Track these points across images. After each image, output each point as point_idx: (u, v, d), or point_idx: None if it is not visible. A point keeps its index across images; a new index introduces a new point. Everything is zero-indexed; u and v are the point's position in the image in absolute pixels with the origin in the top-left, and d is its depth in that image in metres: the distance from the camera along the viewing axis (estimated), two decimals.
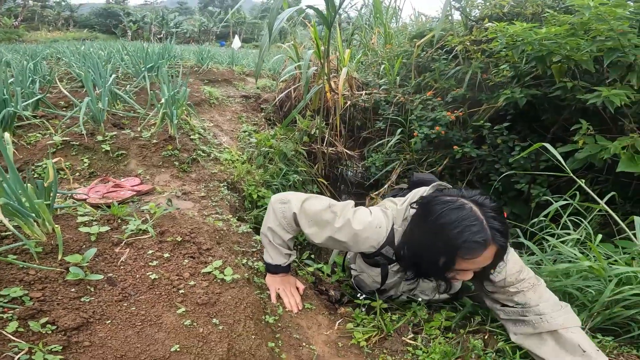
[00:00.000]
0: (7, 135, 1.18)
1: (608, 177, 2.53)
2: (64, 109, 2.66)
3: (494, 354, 1.31)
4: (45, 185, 1.15)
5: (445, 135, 3.31)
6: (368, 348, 1.26)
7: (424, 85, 3.71)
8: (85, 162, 1.97)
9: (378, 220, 1.31)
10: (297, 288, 1.48)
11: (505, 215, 1.28)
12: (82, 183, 1.84)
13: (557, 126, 2.75)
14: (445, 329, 1.37)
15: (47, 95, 2.69)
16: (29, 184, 1.12)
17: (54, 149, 1.99)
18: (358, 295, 1.49)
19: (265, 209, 2.28)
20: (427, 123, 3.41)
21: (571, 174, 1.95)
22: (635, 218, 1.83)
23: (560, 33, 2.31)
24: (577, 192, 2.05)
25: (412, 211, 1.25)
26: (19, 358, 0.84)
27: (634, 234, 1.80)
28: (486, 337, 1.36)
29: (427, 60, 3.78)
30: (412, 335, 1.32)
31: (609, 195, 1.98)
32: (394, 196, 1.55)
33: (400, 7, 7.72)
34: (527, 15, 2.96)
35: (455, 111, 3.36)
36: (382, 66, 3.94)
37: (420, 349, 1.26)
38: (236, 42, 6.42)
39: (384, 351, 1.26)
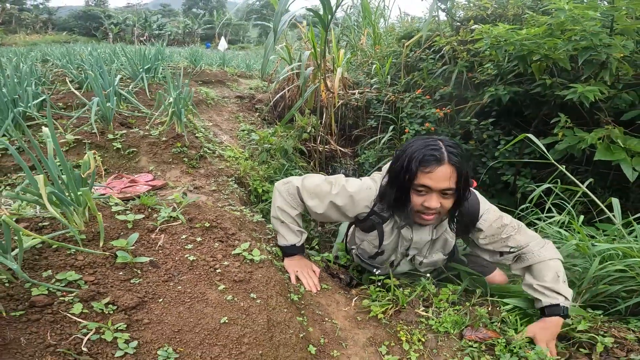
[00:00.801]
0: (45, 129, 1.26)
1: (587, 168, 2.75)
2: (63, 110, 2.71)
3: (500, 322, 1.48)
4: (83, 175, 1.23)
5: (434, 131, 3.50)
6: (385, 320, 1.40)
7: (412, 84, 3.89)
8: (98, 160, 2.04)
9: (367, 183, 1.53)
10: (314, 271, 1.60)
11: (475, 185, 1.56)
12: (97, 180, 1.91)
13: (538, 120, 2.95)
14: (452, 303, 1.51)
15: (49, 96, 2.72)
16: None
17: (67, 147, 2.05)
18: (374, 270, 1.62)
19: (270, 202, 2.41)
20: (417, 120, 3.59)
21: (552, 160, 2.15)
22: (613, 199, 2.04)
23: (539, 34, 2.51)
24: (559, 180, 2.26)
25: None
26: (89, 338, 0.91)
27: (614, 216, 2.00)
28: (489, 308, 1.51)
29: (416, 60, 3.96)
30: (423, 308, 1.47)
31: (589, 181, 2.19)
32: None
33: (388, 7, 7.91)
34: (508, 16, 3.16)
35: (444, 108, 3.55)
36: (373, 66, 4.10)
37: (433, 320, 1.41)
38: (222, 44, 6.47)
39: (400, 322, 1.40)
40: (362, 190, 1.51)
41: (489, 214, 1.51)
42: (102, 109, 2.23)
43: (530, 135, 2.22)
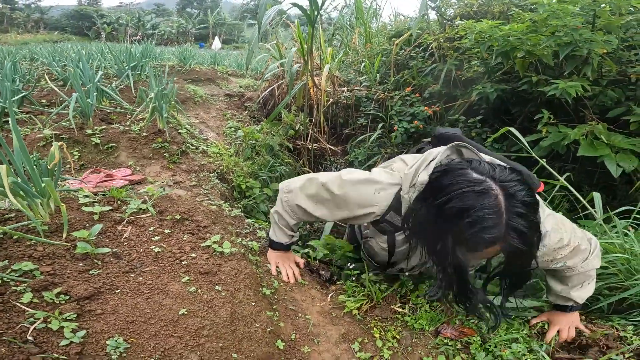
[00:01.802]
0: (11, 122, 1.24)
1: (574, 166, 2.75)
2: (46, 107, 2.69)
3: (477, 319, 1.45)
4: (49, 167, 1.21)
5: (423, 129, 3.50)
6: (360, 315, 1.38)
7: (402, 82, 3.88)
8: (76, 155, 2.02)
9: (376, 185, 1.20)
10: (297, 263, 1.58)
11: (541, 189, 1.21)
12: (73, 175, 1.89)
13: (524, 117, 2.95)
14: (429, 299, 1.49)
15: (30, 93, 2.71)
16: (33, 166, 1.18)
17: (44, 142, 2.03)
18: (348, 264, 1.59)
19: (254, 199, 2.39)
20: (406, 118, 3.58)
21: (533, 154, 2.14)
22: (595, 194, 2.02)
23: (522, 30, 2.51)
24: (547, 178, 2.24)
25: (421, 178, 1.06)
26: (35, 327, 0.90)
27: (595, 211, 1.99)
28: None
29: (405, 58, 3.96)
30: (399, 304, 1.45)
31: (567, 174, 2.18)
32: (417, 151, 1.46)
33: (380, 7, 7.95)
34: (494, 13, 3.16)
35: (433, 106, 3.54)
36: (363, 64, 4.09)
37: (409, 316, 1.39)
38: (216, 43, 6.46)
39: (375, 318, 1.38)
40: (367, 200, 1.21)
41: (549, 238, 1.15)
42: (81, 105, 2.21)
43: (513, 129, 2.21)
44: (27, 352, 0.85)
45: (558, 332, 1.38)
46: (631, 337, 1.34)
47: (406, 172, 1.15)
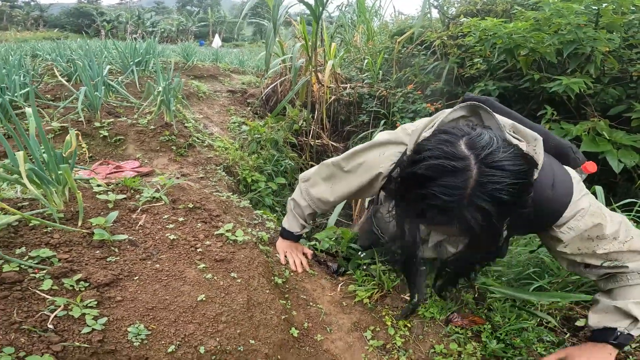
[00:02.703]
0: (28, 109, 1.25)
1: None
2: (52, 101, 2.69)
3: (486, 310, 1.48)
4: (64, 154, 1.22)
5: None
6: (371, 304, 1.39)
7: (404, 79, 3.91)
8: (84, 147, 2.02)
9: (381, 147, 1.15)
10: (305, 254, 1.61)
11: (595, 169, 1.10)
12: (81, 164, 1.90)
13: (525, 114, 2.98)
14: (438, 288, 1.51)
15: (36, 87, 2.71)
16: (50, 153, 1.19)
17: (52, 135, 2.03)
18: (359, 253, 1.61)
19: (259, 193, 2.40)
20: (408, 115, 3.60)
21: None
22: (597, 187, 2.05)
23: (526, 28, 2.54)
24: None
25: (422, 136, 0.94)
26: (56, 315, 0.89)
27: None
28: (476, 295, 1.51)
29: (408, 56, 3.98)
30: (409, 293, 1.46)
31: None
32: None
33: (382, 6, 8.00)
34: (498, 11, 3.19)
35: (435, 103, 3.57)
36: (365, 61, 4.11)
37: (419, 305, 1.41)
38: (216, 41, 6.47)
39: (386, 307, 1.39)
40: (372, 159, 1.17)
41: (581, 220, 1.00)
42: (89, 98, 2.22)
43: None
44: (47, 341, 0.84)
45: None
46: None
47: (413, 129, 1.08)
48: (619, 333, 1.05)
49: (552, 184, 0.98)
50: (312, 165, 3.50)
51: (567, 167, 1.08)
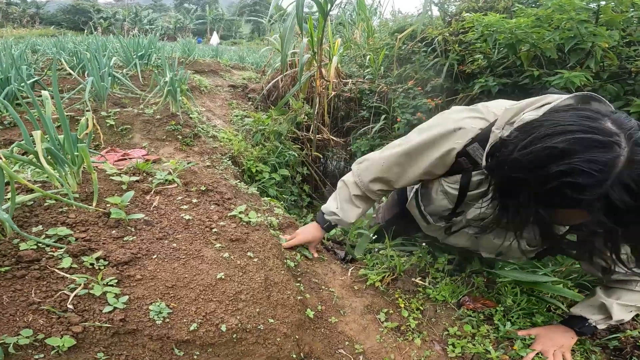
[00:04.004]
0: (45, 92, 1.24)
1: None
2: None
3: (496, 294, 1.50)
4: (79, 136, 1.22)
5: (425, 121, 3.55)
6: (383, 287, 1.41)
7: (405, 76, 3.93)
8: (99, 132, 2.01)
9: (458, 121, 1.07)
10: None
11: None
12: (94, 151, 1.89)
13: None
14: (448, 272, 1.52)
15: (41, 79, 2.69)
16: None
17: (58, 124, 2.02)
18: (370, 235, 1.61)
19: (263, 183, 2.41)
20: (409, 110, 3.63)
21: None
22: None
23: (527, 24, 2.58)
24: None
25: (527, 117, 0.88)
26: (76, 294, 0.88)
27: None
28: (485, 280, 1.53)
29: (408, 52, 4.01)
30: (420, 277, 1.48)
31: None
32: None
33: (382, 4, 8.06)
34: (499, 9, 3.24)
35: (435, 99, 3.60)
36: (367, 57, 4.14)
37: (430, 289, 1.42)
38: (214, 39, 6.46)
39: (398, 290, 1.41)
40: (443, 126, 1.10)
41: None
42: (96, 88, 2.21)
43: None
44: (67, 322, 0.83)
45: (542, 354, 1.19)
46: None
47: (507, 107, 1.00)
48: (586, 324, 1.16)
49: None
50: (313, 157, 3.54)
51: None
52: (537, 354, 1.20)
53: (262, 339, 1.03)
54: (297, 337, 1.13)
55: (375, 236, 1.69)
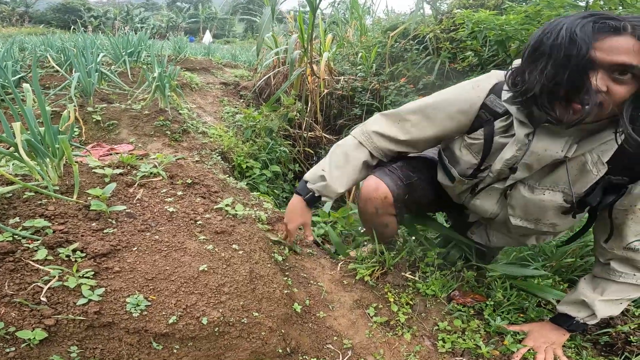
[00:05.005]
0: (26, 85, 1.21)
1: None
2: (42, 89, 2.63)
3: (486, 288, 1.48)
4: (61, 129, 1.19)
5: None
6: (372, 282, 1.38)
7: (397, 73, 3.93)
8: (76, 131, 1.97)
9: (473, 82, 1.10)
10: (306, 235, 1.41)
11: None
12: (75, 150, 1.85)
13: None
14: (438, 266, 1.51)
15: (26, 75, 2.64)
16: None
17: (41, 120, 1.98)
18: (359, 228, 1.57)
19: (254, 179, 2.38)
20: None
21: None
22: None
23: (517, 20, 2.59)
24: None
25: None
26: (50, 286, 0.85)
27: None
28: (475, 274, 1.52)
29: (400, 50, 4.01)
30: (409, 272, 1.46)
31: None
32: None
33: (374, 2, 8.10)
34: (489, 6, 3.25)
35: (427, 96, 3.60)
36: (360, 55, 4.13)
37: (420, 283, 1.40)
38: (207, 37, 6.42)
39: (387, 284, 1.39)
40: (458, 91, 1.11)
41: None
42: (82, 83, 2.18)
43: None
44: (39, 315, 0.81)
45: (533, 350, 1.18)
46: None
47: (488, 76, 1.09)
48: (574, 322, 1.15)
49: None
50: (305, 154, 3.53)
51: None
52: (528, 349, 1.19)
53: (246, 333, 1.01)
54: (283, 331, 1.10)
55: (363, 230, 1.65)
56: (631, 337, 1.27)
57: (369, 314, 1.30)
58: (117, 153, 1.74)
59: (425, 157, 1.40)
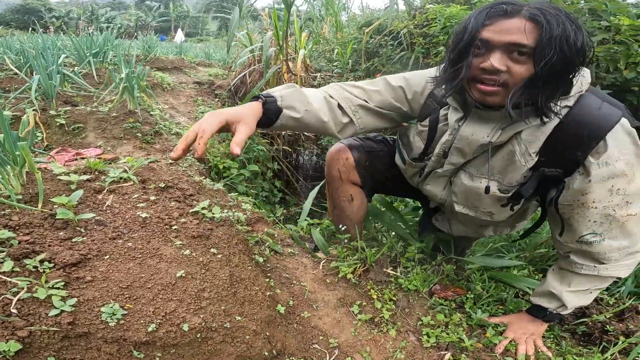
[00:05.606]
0: None
1: None
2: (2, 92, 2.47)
3: (465, 281, 1.50)
4: (21, 135, 1.11)
5: None
6: (355, 279, 1.37)
7: (373, 69, 3.94)
8: (39, 136, 1.87)
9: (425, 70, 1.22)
10: (235, 139, 1.01)
11: None
12: (38, 156, 1.75)
13: None
14: (419, 261, 1.52)
15: None
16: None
17: None
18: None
19: (231, 180, 2.32)
20: None
21: None
22: None
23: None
24: None
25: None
26: (19, 298, 0.82)
27: None
28: (454, 268, 1.53)
29: (375, 46, 4.03)
30: (391, 267, 1.46)
31: None
32: None
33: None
34: (460, 1, 3.30)
35: None
36: (335, 51, 4.12)
37: (402, 278, 1.40)
38: (179, 36, 6.24)
39: (370, 281, 1.38)
40: (417, 72, 1.22)
41: (620, 149, 0.93)
42: (44, 86, 2.06)
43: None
44: (12, 327, 0.77)
45: (514, 341, 1.21)
46: None
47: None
48: (548, 312, 1.18)
49: (599, 106, 0.95)
50: (284, 152, 3.48)
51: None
52: (510, 341, 1.21)
53: (230, 338, 0.98)
54: (267, 333, 1.08)
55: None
56: (607, 326, 1.31)
57: (353, 311, 1.29)
58: (83, 158, 1.65)
59: (386, 139, 1.50)
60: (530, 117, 0.96)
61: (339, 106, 1.20)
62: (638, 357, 1.15)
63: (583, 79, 0.96)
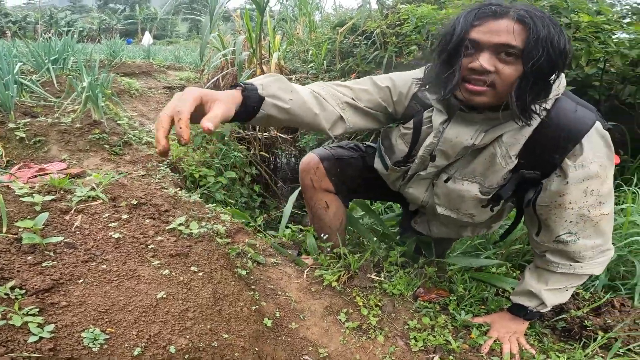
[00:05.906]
0: None
1: None
2: None
3: (448, 282, 1.51)
4: None
5: None
6: (340, 287, 1.35)
7: (347, 69, 3.95)
8: (0, 148, 1.74)
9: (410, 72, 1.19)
10: (210, 116, 0.82)
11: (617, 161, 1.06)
12: (1, 169, 1.63)
13: None
14: (401, 265, 1.52)
15: None
16: None
17: None
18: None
19: (208, 188, 2.25)
20: None
21: None
22: None
23: (456, 14, 2.68)
24: None
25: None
26: None
27: None
28: (436, 269, 1.54)
29: (350, 46, 4.03)
30: (375, 273, 1.45)
31: None
32: None
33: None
34: (431, 1, 3.34)
35: None
36: (310, 52, 4.09)
37: (386, 283, 1.40)
38: (147, 39, 6.03)
39: (355, 288, 1.37)
40: (403, 73, 1.19)
41: (594, 152, 0.95)
42: (0, 97, 1.93)
43: None
44: None
45: (498, 341, 1.22)
46: None
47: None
48: (528, 311, 1.19)
49: (575, 109, 0.97)
50: (261, 157, 3.42)
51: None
52: (494, 340, 1.22)
53: (219, 356, 0.94)
54: (257, 348, 1.04)
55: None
56: (586, 321, 1.34)
57: (340, 320, 1.27)
58: (47, 173, 1.55)
59: (358, 145, 1.50)
60: (517, 119, 0.95)
61: (327, 102, 1.13)
62: (618, 352, 1.19)
63: (560, 82, 0.97)
